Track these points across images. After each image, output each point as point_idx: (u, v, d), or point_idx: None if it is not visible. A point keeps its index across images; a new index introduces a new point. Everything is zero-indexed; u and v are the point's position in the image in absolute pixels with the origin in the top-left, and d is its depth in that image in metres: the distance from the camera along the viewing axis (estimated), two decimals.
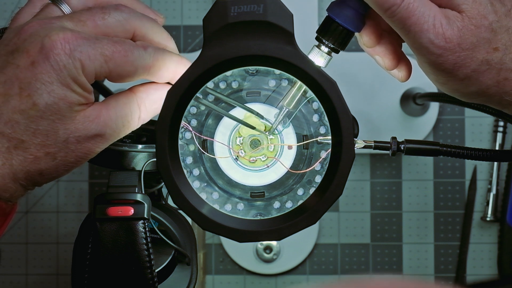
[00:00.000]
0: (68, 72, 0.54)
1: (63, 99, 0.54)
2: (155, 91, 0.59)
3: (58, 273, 0.97)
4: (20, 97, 0.54)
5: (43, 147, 0.55)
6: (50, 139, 0.55)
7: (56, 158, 0.56)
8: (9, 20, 0.97)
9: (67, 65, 0.54)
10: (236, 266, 0.96)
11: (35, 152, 0.55)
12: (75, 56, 0.54)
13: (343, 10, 0.58)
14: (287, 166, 0.60)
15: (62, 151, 0.56)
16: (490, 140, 0.96)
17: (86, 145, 0.56)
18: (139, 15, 0.58)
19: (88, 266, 0.61)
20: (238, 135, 0.61)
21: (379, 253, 0.96)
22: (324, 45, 0.59)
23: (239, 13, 0.57)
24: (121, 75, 0.56)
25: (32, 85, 0.54)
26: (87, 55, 0.54)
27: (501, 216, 0.94)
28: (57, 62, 0.54)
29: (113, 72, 0.55)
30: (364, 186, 0.96)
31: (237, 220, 0.58)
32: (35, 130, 0.54)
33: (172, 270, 0.68)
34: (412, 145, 0.60)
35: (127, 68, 0.56)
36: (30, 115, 0.54)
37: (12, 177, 0.55)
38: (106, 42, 0.55)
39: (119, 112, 0.57)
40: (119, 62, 0.55)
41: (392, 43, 0.62)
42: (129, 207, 0.60)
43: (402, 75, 0.63)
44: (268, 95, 0.61)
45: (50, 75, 0.54)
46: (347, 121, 0.57)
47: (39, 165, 0.55)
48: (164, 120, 0.57)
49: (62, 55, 0.54)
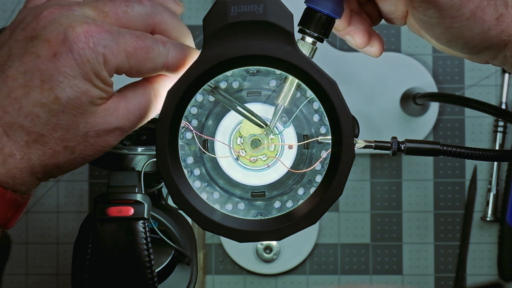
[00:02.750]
0: (91, 67, 0.53)
1: (85, 93, 0.53)
2: (171, 82, 0.58)
3: (58, 273, 0.97)
4: (42, 90, 0.53)
5: (63, 141, 0.54)
6: (70, 133, 0.54)
7: (74, 152, 0.55)
8: (9, 20, 0.97)
9: (90, 60, 0.53)
10: (236, 266, 0.96)
11: (54, 147, 0.54)
12: (99, 50, 0.53)
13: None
14: (287, 166, 0.60)
15: (81, 145, 0.55)
16: (490, 140, 0.96)
17: (105, 138, 0.56)
18: (161, 10, 0.58)
19: (88, 266, 0.61)
20: (238, 135, 0.61)
21: (379, 253, 0.96)
22: (309, 36, 0.60)
23: (239, 13, 0.57)
24: (141, 72, 0.56)
25: (55, 78, 0.53)
26: (110, 50, 0.53)
27: (501, 216, 0.95)
28: (80, 56, 0.53)
29: (133, 68, 0.55)
30: (364, 186, 0.96)
31: (237, 220, 0.58)
32: (55, 125, 0.54)
33: (172, 270, 0.68)
34: (412, 145, 0.60)
35: (147, 65, 0.55)
36: (52, 109, 0.53)
37: (30, 171, 0.55)
38: (128, 38, 0.54)
39: (137, 104, 0.57)
40: (140, 59, 0.55)
41: (362, 22, 0.63)
42: (129, 207, 0.60)
43: (375, 50, 0.64)
44: (269, 95, 0.61)
45: (73, 68, 0.53)
46: (347, 121, 0.57)
47: (58, 159, 0.55)
48: (165, 120, 0.57)
49: (86, 49, 0.53)
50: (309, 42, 0.60)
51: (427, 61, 0.96)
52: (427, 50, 0.96)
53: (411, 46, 0.96)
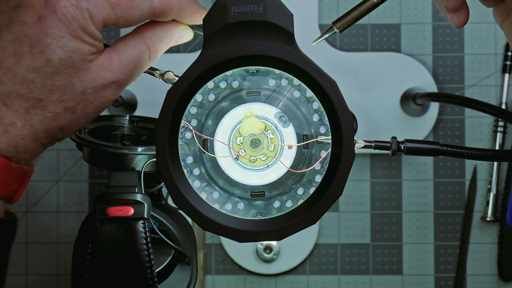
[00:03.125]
0: (78, 23, 0.53)
1: (76, 51, 0.53)
2: (161, 28, 0.58)
3: (58, 273, 0.97)
4: (32, 55, 0.53)
5: (62, 102, 0.54)
6: (67, 93, 0.54)
7: (75, 112, 0.55)
8: None
9: (75, 16, 0.53)
10: (236, 266, 0.96)
11: (54, 109, 0.54)
12: (82, 6, 0.53)
13: None
14: (287, 166, 0.60)
15: (80, 103, 0.55)
16: (490, 140, 0.96)
17: (103, 93, 0.56)
18: None
19: (88, 266, 0.61)
20: (238, 134, 0.61)
21: (379, 253, 0.96)
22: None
23: (239, 13, 0.57)
24: (128, 20, 0.56)
25: (43, 41, 0.53)
26: (93, 4, 0.53)
27: (501, 216, 0.95)
28: (65, 15, 0.53)
29: (120, 18, 0.55)
30: (364, 186, 0.96)
31: (237, 220, 0.58)
32: (51, 87, 0.54)
33: (172, 270, 0.68)
34: (412, 145, 0.60)
35: (133, 12, 0.55)
36: (45, 72, 0.53)
37: (33, 137, 0.55)
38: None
39: (130, 56, 0.57)
40: (125, 7, 0.55)
41: None
42: (129, 207, 0.60)
43: (460, 21, 0.62)
44: (269, 94, 0.61)
45: (60, 28, 0.53)
46: (347, 121, 0.57)
47: (59, 121, 0.55)
48: (164, 120, 0.57)
49: (69, 7, 0.53)
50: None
51: (427, 61, 0.96)
52: (427, 50, 0.96)
53: (411, 46, 0.96)
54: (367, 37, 0.96)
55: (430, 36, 0.96)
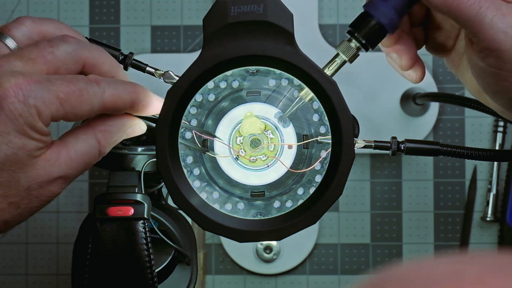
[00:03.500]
0: (25, 120, 0.52)
1: (22, 148, 0.52)
2: (114, 123, 0.57)
3: (58, 273, 0.97)
4: None
5: (6, 198, 0.53)
6: (12, 189, 0.53)
7: (19, 207, 0.54)
8: (9, 20, 0.97)
9: (22, 113, 0.51)
10: (236, 266, 0.96)
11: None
12: (30, 102, 0.51)
13: (383, 8, 0.57)
14: (287, 166, 0.60)
15: (25, 198, 0.54)
16: (490, 140, 0.96)
17: (49, 188, 0.55)
18: (87, 44, 0.57)
19: (88, 266, 0.61)
20: (238, 134, 0.61)
21: (379, 253, 0.96)
22: (356, 40, 0.58)
23: (239, 13, 0.57)
24: (78, 116, 0.54)
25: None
26: (42, 100, 0.52)
27: (501, 216, 0.95)
28: (11, 112, 0.51)
29: (69, 113, 0.53)
30: (364, 186, 0.96)
31: (237, 220, 0.58)
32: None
33: (172, 270, 0.68)
34: (412, 145, 0.60)
35: (83, 107, 0.54)
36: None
37: None
38: (59, 83, 0.53)
39: (79, 151, 0.55)
40: (74, 103, 0.53)
41: (409, 43, 0.61)
42: (129, 207, 0.60)
43: (418, 76, 0.62)
44: (269, 94, 0.61)
45: (6, 125, 0.51)
46: (347, 121, 0.57)
47: (3, 215, 0.54)
48: (164, 120, 0.57)
49: (16, 103, 0.51)
50: (354, 47, 0.58)
51: (427, 61, 0.96)
52: None
53: None
54: None
55: None
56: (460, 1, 0.55)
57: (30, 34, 0.57)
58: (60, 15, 0.97)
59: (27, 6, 0.97)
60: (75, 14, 0.97)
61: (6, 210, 0.54)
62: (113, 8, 0.97)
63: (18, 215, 0.55)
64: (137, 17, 0.97)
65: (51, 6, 0.97)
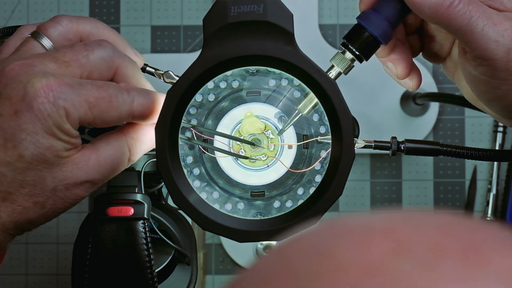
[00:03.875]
0: (53, 121, 0.52)
1: (49, 148, 0.53)
2: (146, 132, 0.58)
3: (58, 273, 0.97)
4: (5, 149, 0.52)
5: (31, 196, 0.54)
6: (37, 188, 0.54)
7: (45, 207, 0.55)
8: (9, 20, 0.97)
9: (51, 114, 0.52)
10: (236, 266, 0.96)
11: (23, 203, 0.54)
12: (59, 104, 0.52)
13: (376, 20, 0.58)
14: (287, 166, 0.60)
15: (50, 199, 0.54)
16: (490, 140, 0.96)
17: (75, 191, 0.55)
18: (121, 54, 0.57)
19: (88, 266, 0.61)
20: (238, 134, 0.61)
21: None
22: (350, 52, 0.59)
23: (239, 13, 0.57)
24: (106, 121, 0.55)
25: (17, 136, 0.52)
26: (71, 103, 0.52)
27: (501, 216, 0.94)
28: (41, 111, 0.52)
29: (97, 118, 0.54)
30: (364, 186, 0.96)
31: (237, 220, 0.58)
32: (22, 182, 0.53)
33: (172, 270, 0.68)
34: (412, 145, 0.60)
35: (111, 113, 0.54)
36: (17, 167, 0.53)
37: (1, 228, 0.54)
38: (90, 88, 0.53)
39: (110, 157, 0.56)
40: (103, 108, 0.54)
41: (405, 52, 0.61)
42: (129, 207, 0.60)
43: (414, 84, 0.62)
44: (269, 94, 0.61)
45: (35, 124, 0.52)
46: (347, 121, 0.57)
47: (28, 214, 0.54)
48: (164, 120, 0.57)
49: (46, 103, 0.52)
50: (348, 58, 0.59)
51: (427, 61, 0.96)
52: None
53: None
54: None
55: None
56: (450, 11, 0.55)
57: (66, 34, 0.57)
58: None
59: (27, 6, 0.97)
60: (75, 14, 0.97)
61: (31, 209, 0.54)
62: (113, 8, 0.97)
63: (43, 215, 0.55)
64: (137, 17, 0.97)
65: (51, 6, 0.97)
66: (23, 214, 0.54)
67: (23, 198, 0.54)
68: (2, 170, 0.53)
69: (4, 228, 0.54)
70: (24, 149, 0.52)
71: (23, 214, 0.54)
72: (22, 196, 0.54)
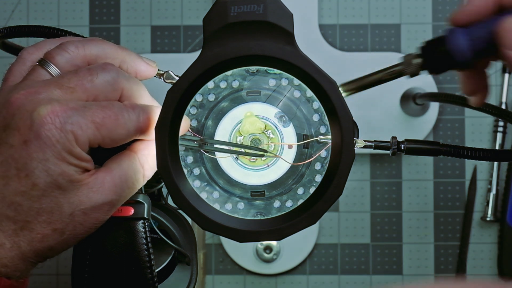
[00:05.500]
0: (62, 146, 0.52)
1: (61, 174, 0.53)
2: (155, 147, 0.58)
3: (58, 273, 0.97)
4: (19, 179, 0.53)
5: (49, 224, 0.54)
6: (55, 215, 0.54)
7: (64, 233, 0.55)
8: (9, 20, 0.97)
9: (59, 139, 0.52)
10: (236, 266, 0.96)
11: (42, 230, 0.54)
12: (67, 128, 0.52)
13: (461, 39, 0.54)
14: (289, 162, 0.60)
15: (69, 225, 0.55)
16: (490, 140, 0.96)
17: (94, 215, 0.55)
18: (126, 75, 0.57)
19: (88, 266, 0.61)
20: (238, 134, 0.61)
21: (379, 253, 0.96)
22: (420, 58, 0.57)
23: (239, 13, 0.57)
24: (115, 140, 0.55)
25: (28, 165, 0.52)
26: (78, 126, 0.53)
27: (501, 216, 0.95)
28: (49, 138, 0.52)
29: (106, 138, 0.54)
30: (364, 186, 0.96)
31: (237, 220, 0.58)
32: (39, 209, 0.53)
33: (172, 270, 0.68)
34: (412, 145, 0.60)
35: (119, 131, 0.55)
36: (32, 196, 0.53)
37: (21, 257, 0.54)
38: (95, 109, 0.54)
39: (124, 176, 0.56)
40: (110, 127, 0.54)
41: (481, 73, 0.60)
42: (129, 207, 0.60)
43: (475, 100, 0.61)
44: (269, 94, 0.61)
45: (45, 152, 0.52)
46: (347, 121, 0.57)
47: (48, 242, 0.55)
48: (164, 120, 0.57)
49: (53, 130, 0.52)
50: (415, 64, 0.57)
51: None
52: None
53: (411, 46, 0.96)
54: (367, 37, 0.96)
55: (430, 36, 0.96)
56: None
57: (73, 60, 0.57)
58: (60, 15, 0.97)
59: (27, 6, 0.97)
60: (75, 14, 0.97)
61: (51, 236, 0.54)
62: (113, 8, 0.97)
63: (63, 242, 0.55)
64: (137, 17, 0.97)
65: (51, 6, 0.97)
66: (42, 242, 0.54)
67: (41, 226, 0.54)
68: (18, 199, 0.53)
69: (24, 257, 0.54)
70: (36, 178, 0.53)
71: (42, 241, 0.54)
72: (40, 224, 0.54)
